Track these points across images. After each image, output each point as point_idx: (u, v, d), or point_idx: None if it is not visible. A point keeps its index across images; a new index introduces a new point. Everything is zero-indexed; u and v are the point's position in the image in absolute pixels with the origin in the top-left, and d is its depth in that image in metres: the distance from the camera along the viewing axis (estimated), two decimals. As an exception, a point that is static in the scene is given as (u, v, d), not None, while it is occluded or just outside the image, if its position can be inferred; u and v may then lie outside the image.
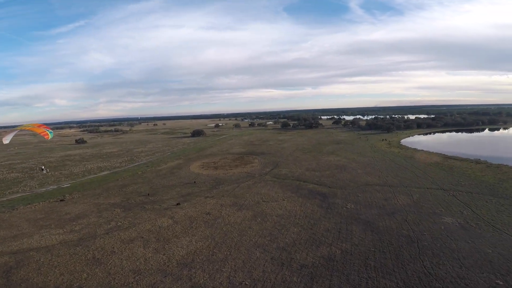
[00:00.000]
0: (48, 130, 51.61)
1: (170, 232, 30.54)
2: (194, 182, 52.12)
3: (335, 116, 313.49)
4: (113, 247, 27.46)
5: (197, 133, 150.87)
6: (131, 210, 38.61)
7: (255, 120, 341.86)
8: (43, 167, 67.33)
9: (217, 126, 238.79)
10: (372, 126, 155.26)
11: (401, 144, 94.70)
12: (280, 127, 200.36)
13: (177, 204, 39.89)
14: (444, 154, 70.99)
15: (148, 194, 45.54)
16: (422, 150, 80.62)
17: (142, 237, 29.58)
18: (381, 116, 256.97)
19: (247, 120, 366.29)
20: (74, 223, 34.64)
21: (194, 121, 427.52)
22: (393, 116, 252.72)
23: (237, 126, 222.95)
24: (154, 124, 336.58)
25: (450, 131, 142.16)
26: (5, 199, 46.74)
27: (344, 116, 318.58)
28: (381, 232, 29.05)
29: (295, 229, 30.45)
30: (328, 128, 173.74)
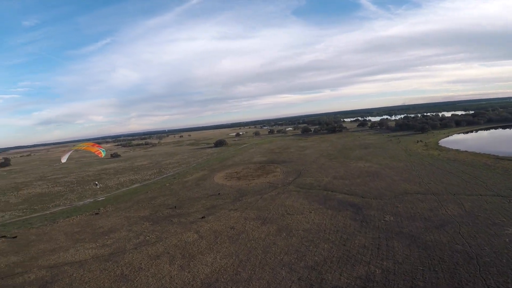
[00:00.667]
0: (100, 149, 54.50)
1: (195, 248, 30.46)
2: (219, 193, 52.25)
3: (359, 118, 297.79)
4: (141, 263, 27.89)
5: (219, 143, 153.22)
6: (158, 223, 39.42)
7: (274, 127, 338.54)
8: (96, 182, 69.91)
9: (238, 135, 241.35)
10: (403, 126, 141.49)
11: (440, 146, 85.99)
12: (300, 132, 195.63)
13: (202, 217, 40.02)
14: (494, 155, 63.27)
15: (175, 207, 46.42)
16: (466, 151, 72.39)
17: (169, 253, 29.79)
18: (411, 115, 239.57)
19: (266, 127, 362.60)
20: (106, 237, 36.03)
21: (216, 131, 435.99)
22: (426, 114, 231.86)
23: (257, 134, 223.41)
24: (180, 136, 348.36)
25: (496, 128, 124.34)
26: (48, 212, 50.65)
27: (370, 117, 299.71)
28: (430, 248, 25.99)
29: (325, 245, 28.79)
30: (353, 131, 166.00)
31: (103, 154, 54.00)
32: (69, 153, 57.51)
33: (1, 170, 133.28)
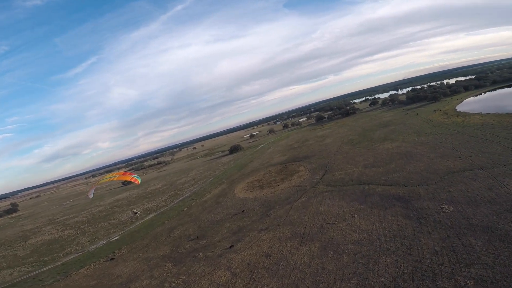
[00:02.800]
0: (135, 176, 50.94)
1: (230, 293, 25.09)
2: (243, 211, 46.83)
3: (368, 97, 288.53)
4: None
5: (234, 149, 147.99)
6: (182, 262, 34.35)
7: (288, 120, 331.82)
8: (135, 210, 66.84)
9: (252, 136, 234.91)
10: (414, 98, 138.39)
11: (459, 111, 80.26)
12: (315, 121, 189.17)
13: (231, 246, 34.63)
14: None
15: (197, 237, 41.25)
16: (488, 113, 66.58)
17: (200, 305, 24.54)
18: (417, 87, 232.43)
19: (279, 122, 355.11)
20: None
21: (229, 135, 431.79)
22: (431, 84, 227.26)
23: (271, 131, 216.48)
24: (193, 148, 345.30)
25: (502, 88, 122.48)
26: (59, 263, 46.19)
27: (377, 95, 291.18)
28: (517, 239, 20.12)
29: (387, 260, 22.95)
30: (366, 111, 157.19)
31: (139, 181, 49.97)
32: (94, 188, 54.69)
33: (9, 218, 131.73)
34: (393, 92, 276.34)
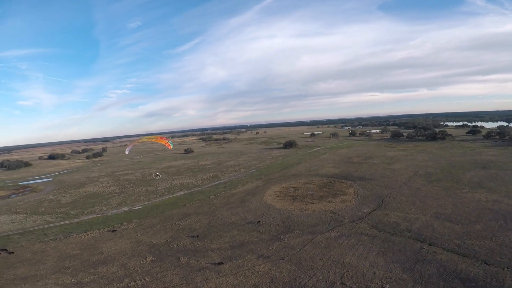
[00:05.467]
0: (169, 141, 56.50)
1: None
2: (258, 222, 39.87)
3: (467, 123, 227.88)
4: None
5: (289, 145, 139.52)
6: (162, 260, 30.23)
7: (357, 128, 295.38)
8: (158, 173, 76.75)
9: (312, 135, 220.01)
10: None
11: None
12: (389, 137, 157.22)
13: (219, 263, 28.58)
14: None
15: (198, 236, 36.67)
16: None
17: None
18: None
19: (347, 127, 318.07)
20: (91, 270, 29.49)
21: (292, 128, 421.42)
22: None
23: (334, 135, 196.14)
24: (256, 133, 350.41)
25: None
26: (75, 221, 48.59)
27: (480, 123, 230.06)
28: None
29: None
30: (460, 140, 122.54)
31: (171, 146, 56.12)
32: (131, 146, 61.17)
33: (92, 161, 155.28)
34: (504, 123, 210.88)
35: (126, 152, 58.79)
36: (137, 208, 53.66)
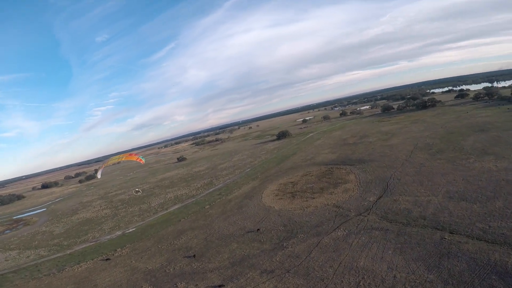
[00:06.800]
0: (140, 157, 55.46)
1: None
2: (258, 229, 36.49)
3: (453, 88, 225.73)
4: None
5: (282, 135, 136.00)
6: (159, 292, 26.76)
7: (347, 107, 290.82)
8: (137, 189, 75.58)
9: (304, 121, 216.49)
10: None
11: None
12: (380, 112, 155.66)
13: (220, 286, 25.30)
14: None
15: (194, 256, 33.29)
16: None
17: None
18: None
19: (337, 108, 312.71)
20: None
21: (284, 117, 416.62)
22: None
23: (326, 118, 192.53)
24: (249, 128, 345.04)
25: None
26: (68, 252, 45.34)
27: (465, 86, 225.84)
28: None
29: None
30: (451, 105, 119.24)
31: (143, 161, 55.11)
32: (102, 169, 59.45)
33: (85, 185, 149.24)
34: (487, 84, 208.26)
35: (98, 176, 57.98)
36: (130, 230, 50.02)
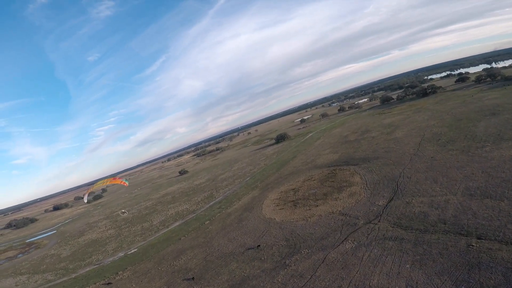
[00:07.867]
0: (124, 179, 57.17)
1: None
2: (258, 246, 33.18)
3: (451, 72, 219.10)
4: None
5: (281, 138, 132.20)
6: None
7: (345, 102, 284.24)
8: (123, 210, 78.74)
9: (302, 121, 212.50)
10: None
11: None
12: (379, 103, 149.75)
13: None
14: None
15: (193, 278, 30.54)
16: None
17: None
18: None
19: (335, 104, 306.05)
20: None
21: (282, 119, 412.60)
22: None
23: (324, 115, 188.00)
24: (248, 133, 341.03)
25: None
26: (74, 275, 45.40)
27: (464, 70, 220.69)
28: None
29: None
30: (453, 90, 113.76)
31: (127, 183, 57.31)
32: (87, 195, 61.15)
33: (93, 205, 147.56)
34: (486, 66, 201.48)
35: (85, 201, 62.14)
36: (132, 251, 48.86)
